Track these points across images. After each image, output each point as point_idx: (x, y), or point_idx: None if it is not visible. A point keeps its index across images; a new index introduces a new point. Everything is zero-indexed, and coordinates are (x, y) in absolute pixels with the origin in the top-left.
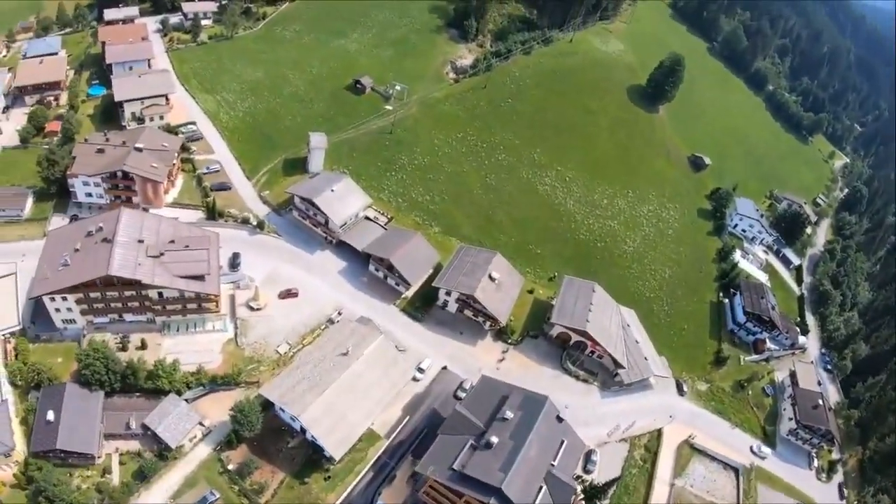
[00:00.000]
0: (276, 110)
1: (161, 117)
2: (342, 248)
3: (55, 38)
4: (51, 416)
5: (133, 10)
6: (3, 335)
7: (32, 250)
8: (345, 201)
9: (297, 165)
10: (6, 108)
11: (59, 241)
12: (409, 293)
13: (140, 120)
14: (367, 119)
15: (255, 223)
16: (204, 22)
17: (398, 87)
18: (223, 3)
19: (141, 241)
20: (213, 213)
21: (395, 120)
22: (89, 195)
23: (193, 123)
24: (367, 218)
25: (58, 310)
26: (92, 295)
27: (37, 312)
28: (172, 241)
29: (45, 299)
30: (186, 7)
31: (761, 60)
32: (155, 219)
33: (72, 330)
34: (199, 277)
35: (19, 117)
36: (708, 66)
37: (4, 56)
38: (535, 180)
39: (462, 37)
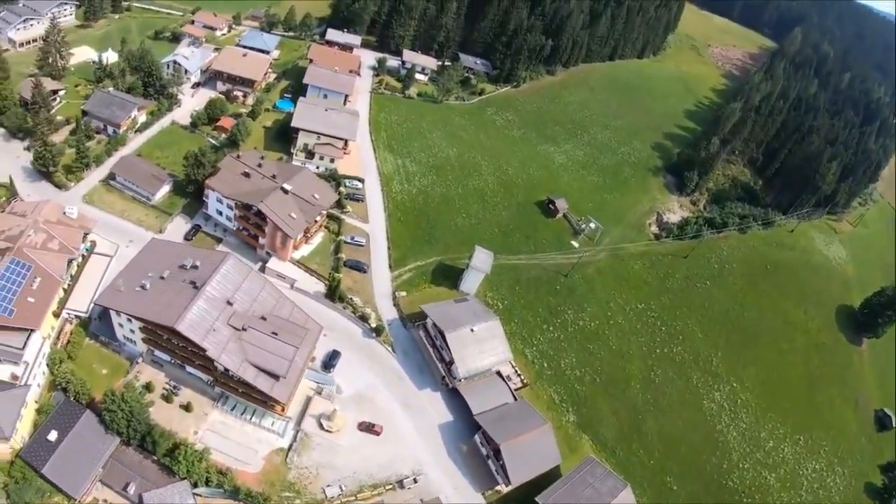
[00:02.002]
0: (452, 200)
1: (332, 160)
2: (456, 397)
3: (273, 38)
4: (53, 436)
5: (355, 39)
6: (69, 314)
7: (140, 239)
8: (481, 348)
9: (450, 276)
10: (196, 85)
11: (152, 256)
12: (507, 490)
13: (310, 154)
14: (547, 250)
15: (373, 325)
16: (419, 76)
17: (592, 225)
18: (445, 63)
19: (230, 304)
20: (333, 293)
21: (578, 263)
22: (219, 213)
23: (361, 181)
24: (499, 373)
25: (121, 325)
26: (156, 332)
27: (106, 310)
28: (264, 319)
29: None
30: (407, 56)
31: None
32: (259, 282)
33: (130, 348)
34: (274, 376)
35: (204, 99)
36: None
37: (222, 35)
38: (703, 392)
39: (677, 187)
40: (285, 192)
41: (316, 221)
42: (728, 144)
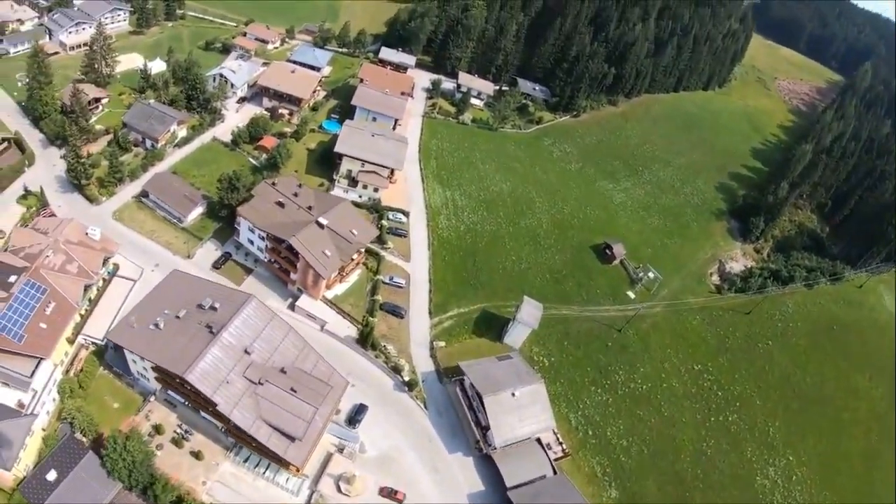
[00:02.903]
0: (502, 240)
1: (376, 189)
2: (489, 465)
3: (325, 54)
4: (52, 475)
5: (410, 59)
6: (84, 340)
7: (166, 264)
8: (521, 415)
9: (493, 326)
10: (242, 100)
11: (171, 291)
12: None
13: (353, 182)
14: (600, 301)
15: (406, 378)
16: (474, 101)
17: (651, 275)
18: (502, 88)
19: (248, 353)
20: (366, 340)
21: (633, 317)
22: (251, 242)
23: (406, 214)
24: (538, 440)
25: (134, 361)
26: (168, 374)
27: None
28: (284, 372)
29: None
30: (462, 79)
31: None
32: (282, 330)
33: (144, 384)
34: (289, 437)
35: (248, 115)
36: None
37: (274, 48)
38: (757, 467)
39: (741, 233)
40: (321, 226)
41: (352, 260)
42: (797, 189)
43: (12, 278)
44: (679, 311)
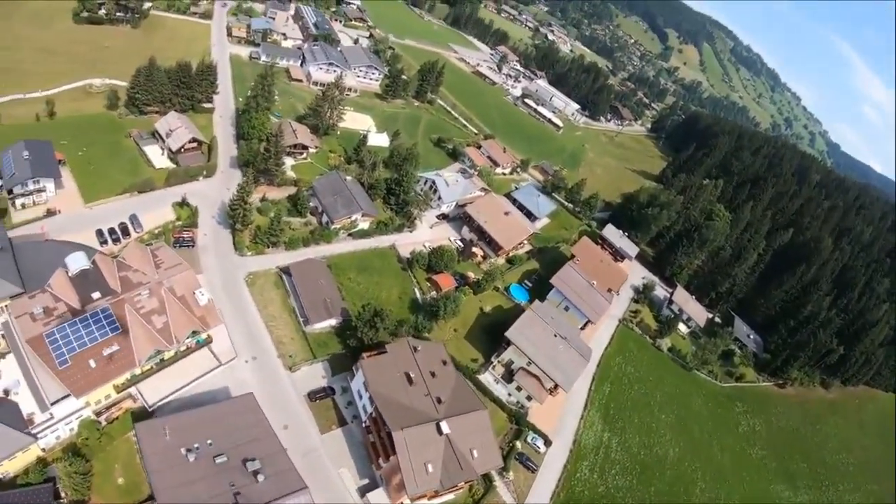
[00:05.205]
0: None
1: (528, 398)
2: None
3: (549, 204)
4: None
5: (631, 248)
6: (135, 394)
7: (263, 363)
8: None
9: None
10: (442, 217)
11: (227, 419)
12: None
13: (508, 376)
14: None
15: None
16: (680, 325)
17: None
18: (715, 319)
19: None
20: None
21: None
22: (359, 395)
23: (547, 443)
24: None
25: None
26: None
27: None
28: None
29: None
30: (678, 295)
31: None
32: None
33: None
34: None
35: (440, 236)
36: None
37: (501, 173)
38: None
39: None
40: (439, 432)
41: (456, 486)
42: None
43: (95, 295)
44: None
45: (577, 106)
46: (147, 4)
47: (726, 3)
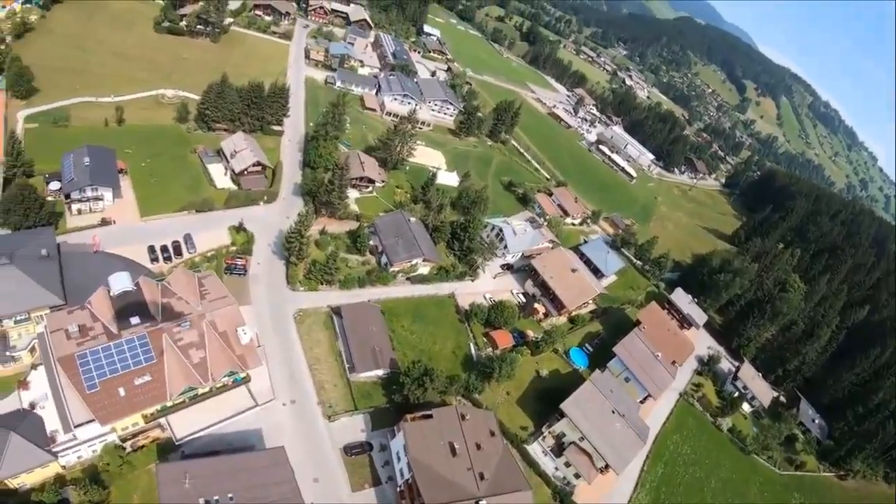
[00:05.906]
0: None
1: (577, 475)
2: None
3: (617, 261)
4: None
5: (700, 316)
6: (164, 426)
7: (303, 408)
8: None
9: None
10: (507, 267)
11: (252, 472)
12: None
13: (558, 450)
14: None
15: None
16: (744, 405)
17: None
18: (780, 399)
19: None
20: None
21: None
22: (397, 458)
23: None
24: None
25: None
26: None
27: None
28: None
29: None
30: (744, 373)
31: None
32: None
33: None
34: None
35: (502, 287)
36: None
37: (571, 224)
38: None
39: None
40: None
41: None
42: None
43: (134, 320)
44: None
45: (651, 156)
46: (228, 20)
47: (808, 57)
